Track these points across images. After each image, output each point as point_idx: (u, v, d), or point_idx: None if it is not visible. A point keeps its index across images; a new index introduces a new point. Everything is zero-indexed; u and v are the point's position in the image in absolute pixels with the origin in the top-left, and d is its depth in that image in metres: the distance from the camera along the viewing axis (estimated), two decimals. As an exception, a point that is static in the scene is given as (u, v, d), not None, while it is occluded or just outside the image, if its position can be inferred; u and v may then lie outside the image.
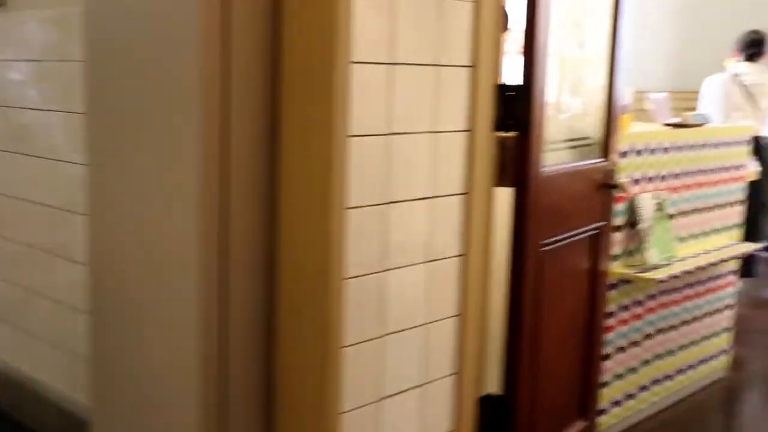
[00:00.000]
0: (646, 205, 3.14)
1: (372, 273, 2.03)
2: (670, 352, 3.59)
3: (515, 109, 2.30)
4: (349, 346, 1.99)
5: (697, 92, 6.00)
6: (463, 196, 2.23)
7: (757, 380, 4.25)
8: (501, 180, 2.35)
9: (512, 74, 2.44)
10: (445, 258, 2.22)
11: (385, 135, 1.99)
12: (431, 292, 2.20)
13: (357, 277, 1.99)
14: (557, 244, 2.53)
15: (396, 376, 2.14)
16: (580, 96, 2.82)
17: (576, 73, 2.74)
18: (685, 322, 3.65)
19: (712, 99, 5.77)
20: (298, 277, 2.01)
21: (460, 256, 2.26)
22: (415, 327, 2.17)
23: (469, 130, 2.21)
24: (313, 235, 1.96)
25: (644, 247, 3.14)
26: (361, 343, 2.03)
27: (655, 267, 3.17)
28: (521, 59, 2.36)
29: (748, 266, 5.16)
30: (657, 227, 3.19)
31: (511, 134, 2.34)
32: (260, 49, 1.98)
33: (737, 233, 3.93)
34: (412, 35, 2.02)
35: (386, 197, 2.02)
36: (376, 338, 2.07)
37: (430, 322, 2.21)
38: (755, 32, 5.81)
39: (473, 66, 2.19)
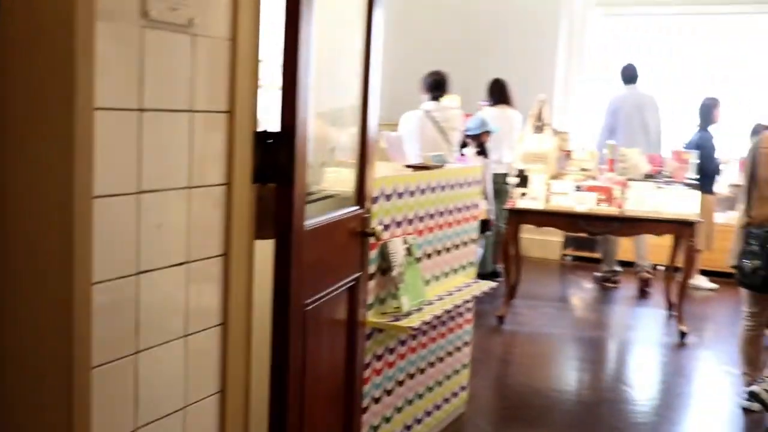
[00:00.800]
0: (397, 250, 3.06)
1: (122, 357, 1.71)
2: (419, 396, 3.55)
3: (275, 156, 2.09)
4: (96, 448, 1.65)
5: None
6: (221, 257, 1.98)
7: (488, 410, 4.36)
8: (260, 234, 2.12)
9: (265, 115, 2.23)
10: (205, 329, 1.95)
11: (135, 194, 1.69)
12: (189, 370, 1.91)
13: (105, 364, 1.66)
14: (320, 301, 2.35)
15: (152, 472, 1.83)
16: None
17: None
18: (431, 364, 3.63)
19: (410, 134, 5.97)
20: (32, 370, 1.63)
21: (220, 325, 2.00)
22: (174, 412, 1.88)
23: (228, 183, 1.97)
24: (49, 317, 1.59)
25: (397, 293, 3.05)
26: (111, 442, 1.70)
27: (408, 313, 3.09)
28: (278, 100, 2.15)
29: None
30: (407, 272, 3.13)
31: (270, 185, 2.12)
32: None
33: (472, 271, 4.01)
34: (162, 77, 1.74)
35: (137, 267, 1.72)
36: (128, 433, 1.75)
37: (190, 404, 1.92)
38: (436, 73, 6.09)
39: (230, 111, 1.95)
